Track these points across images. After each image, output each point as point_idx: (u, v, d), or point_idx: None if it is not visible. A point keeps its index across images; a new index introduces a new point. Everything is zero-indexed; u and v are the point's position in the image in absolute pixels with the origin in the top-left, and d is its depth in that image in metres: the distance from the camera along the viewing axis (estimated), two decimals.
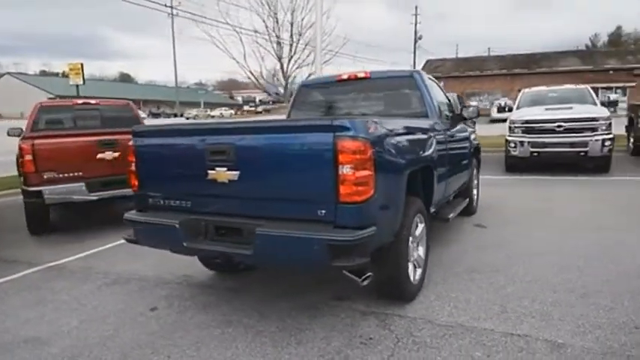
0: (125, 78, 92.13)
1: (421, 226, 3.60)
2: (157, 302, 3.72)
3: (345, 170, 2.54)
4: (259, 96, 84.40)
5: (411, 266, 3.37)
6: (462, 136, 5.25)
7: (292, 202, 2.76)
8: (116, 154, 5.94)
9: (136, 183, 3.38)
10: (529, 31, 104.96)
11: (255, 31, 12.84)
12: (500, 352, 2.73)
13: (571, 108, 9.04)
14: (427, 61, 37.21)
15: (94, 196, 5.83)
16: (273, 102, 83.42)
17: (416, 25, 47.48)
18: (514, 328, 3.00)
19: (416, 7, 47.86)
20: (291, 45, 13.00)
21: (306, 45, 13.00)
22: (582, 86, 10.82)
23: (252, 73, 13.28)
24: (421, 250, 3.64)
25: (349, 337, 3.00)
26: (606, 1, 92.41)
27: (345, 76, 4.85)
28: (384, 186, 2.78)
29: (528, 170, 9.46)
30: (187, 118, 49.23)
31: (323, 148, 2.59)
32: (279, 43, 12.93)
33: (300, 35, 12.96)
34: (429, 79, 4.77)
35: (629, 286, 3.55)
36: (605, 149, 8.55)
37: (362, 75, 4.75)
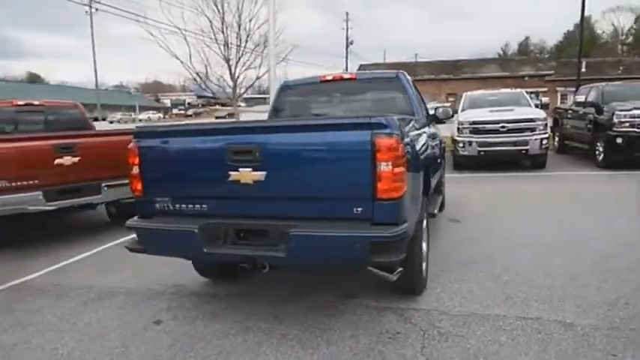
0: (34, 79, 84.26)
1: (424, 221, 3.73)
2: (159, 315, 3.50)
3: (383, 167, 2.58)
4: (188, 99, 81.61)
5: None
6: (436, 134, 5.50)
7: (325, 201, 2.75)
8: (76, 160, 5.46)
9: (140, 187, 3.16)
10: (450, 38, 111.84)
11: (202, 31, 12.44)
12: (521, 335, 2.92)
13: (512, 110, 9.79)
14: (360, 66, 38.31)
15: (52, 206, 5.31)
16: (203, 105, 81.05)
17: (347, 30, 48.73)
18: (524, 313, 3.21)
19: (347, 14, 49.30)
20: (238, 46, 12.76)
21: (255, 47, 12.85)
22: (517, 90, 11.76)
23: (198, 75, 12.84)
24: (424, 245, 3.77)
25: (375, 333, 3.04)
26: (516, 14, 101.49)
27: (329, 77, 4.88)
28: (411, 182, 2.86)
29: (475, 168, 10.09)
30: (111, 122, 46.22)
31: (361, 146, 2.60)
32: (226, 45, 12.64)
33: (248, 37, 12.78)
34: (411, 80, 4.94)
35: (607, 267, 3.94)
36: (543, 147, 9.37)
37: (347, 76, 4.83)
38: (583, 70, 31.80)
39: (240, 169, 2.82)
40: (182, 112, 65.94)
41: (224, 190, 2.91)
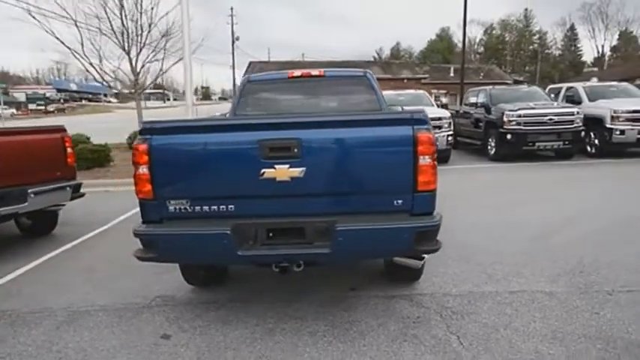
0: None
1: None
2: (161, 329, 3.20)
3: (423, 161, 2.74)
4: (47, 92, 72.03)
5: None
6: None
7: (365, 195, 2.81)
8: None
9: (149, 189, 2.84)
10: (330, 40, 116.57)
11: (97, 18, 11.07)
12: (521, 305, 3.33)
13: (422, 109, 10.68)
14: (250, 63, 37.80)
15: None
16: (65, 100, 72.17)
17: (232, 25, 47.76)
18: (510, 287, 3.66)
19: (232, 9, 48.03)
20: (139, 36, 11.70)
21: (162, 37, 11.89)
22: (420, 91, 12.83)
23: (92, 65, 11.45)
24: None
25: (399, 319, 3.20)
26: (387, 21, 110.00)
27: (297, 74, 4.87)
28: None
29: None
30: None
31: (403, 141, 2.73)
32: (126, 34, 11.48)
33: (150, 26, 11.77)
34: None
35: (547, 245, 4.64)
36: (448, 143, 10.45)
37: (316, 73, 4.87)
38: (452, 74, 35.91)
39: (277, 166, 2.74)
40: (42, 107, 57.96)
41: (256, 189, 2.79)
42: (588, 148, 10.96)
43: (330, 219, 2.75)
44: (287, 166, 2.74)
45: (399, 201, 2.80)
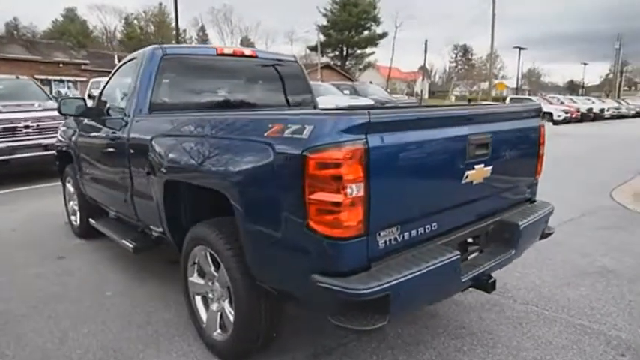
0: None
1: None
2: None
3: (541, 151, 2.89)
4: None
5: None
6: None
7: (516, 188, 2.72)
8: None
9: (362, 219, 1.73)
10: None
11: None
12: (524, 277, 3.85)
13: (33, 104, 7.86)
14: None
15: None
16: None
17: None
18: None
19: None
20: None
21: None
22: (25, 78, 9.61)
23: None
24: None
25: (495, 314, 3.13)
26: None
27: (228, 51, 3.73)
28: None
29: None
30: None
31: (536, 133, 2.77)
32: None
33: None
34: None
35: None
36: None
37: (248, 53, 3.88)
38: (117, 62, 33.03)
39: (476, 167, 2.25)
40: None
41: (457, 196, 2.21)
42: None
43: (501, 219, 2.53)
44: (482, 165, 2.30)
45: (528, 190, 2.86)
